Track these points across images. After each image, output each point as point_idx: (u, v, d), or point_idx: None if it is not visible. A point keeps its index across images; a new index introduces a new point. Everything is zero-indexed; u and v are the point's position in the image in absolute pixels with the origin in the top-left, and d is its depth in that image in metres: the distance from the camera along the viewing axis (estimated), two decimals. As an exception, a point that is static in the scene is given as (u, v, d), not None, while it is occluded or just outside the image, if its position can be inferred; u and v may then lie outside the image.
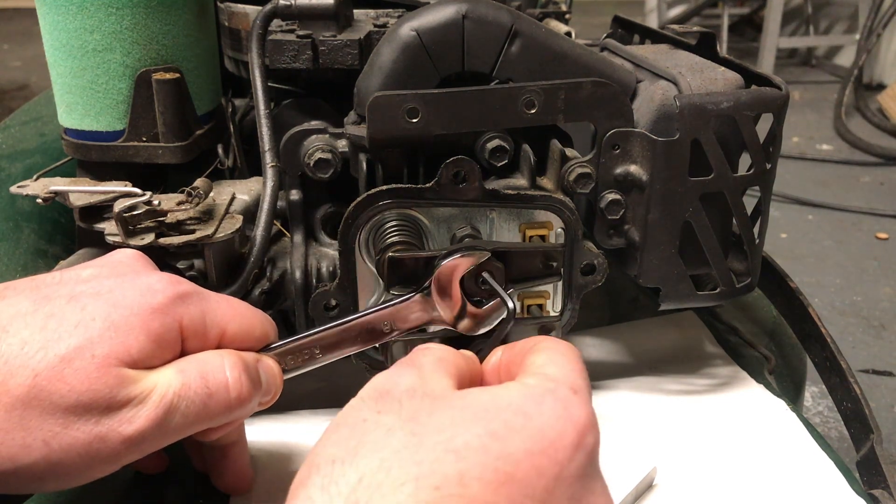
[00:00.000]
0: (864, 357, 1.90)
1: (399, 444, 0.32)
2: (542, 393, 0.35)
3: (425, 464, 0.31)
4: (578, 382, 0.37)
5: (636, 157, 0.56)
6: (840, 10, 4.50)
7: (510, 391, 0.35)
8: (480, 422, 0.33)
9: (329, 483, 0.31)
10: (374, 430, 0.33)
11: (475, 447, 0.32)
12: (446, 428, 0.32)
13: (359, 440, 0.33)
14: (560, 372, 0.37)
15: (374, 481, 0.30)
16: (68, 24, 0.59)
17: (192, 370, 0.42)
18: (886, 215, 2.67)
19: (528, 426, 0.33)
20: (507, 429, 0.33)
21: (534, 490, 0.31)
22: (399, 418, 0.33)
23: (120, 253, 0.46)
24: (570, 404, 0.35)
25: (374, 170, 0.55)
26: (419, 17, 0.53)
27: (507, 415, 0.33)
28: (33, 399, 0.37)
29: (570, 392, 0.35)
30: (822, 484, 0.54)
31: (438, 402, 0.34)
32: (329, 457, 0.32)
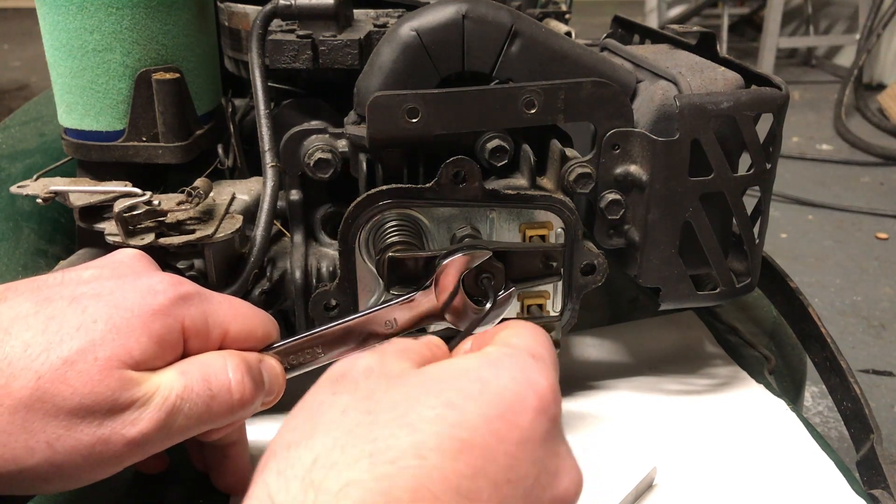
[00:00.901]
0: (864, 357, 1.90)
1: (353, 422, 0.31)
2: (500, 358, 0.34)
3: (380, 440, 0.30)
4: (539, 351, 0.36)
5: (636, 157, 0.56)
6: (840, 10, 4.50)
7: (467, 360, 0.35)
8: (434, 393, 0.32)
9: (285, 467, 0.31)
10: (328, 411, 0.33)
11: (430, 418, 0.31)
12: (400, 403, 0.32)
13: (314, 423, 0.32)
14: (521, 341, 0.37)
15: (328, 461, 0.30)
16: (68, 24, 0.59)
17: (195, 372, 0.42)
18: (886, 215, 2.67)
19: (485, 391, 0.32)
20: (462, 396, 0.32)
21: (495, 455, 0.31)
22: (354, 398, 0.33)
23: (121, 253, 0.46)
24: (529, 369, 0.34)
25: (374, 170, 0.55)
26: (419, 17, 0.53)
27: (462, 383, 0.33)
28: (36, 402, 0.37)
29: (530, 357, 0.35)
30: (822, 484, 0.54)
31: (394, 381, 0.34)
32: (285, 442, 0.32)
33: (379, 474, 0.29)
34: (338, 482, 0.29)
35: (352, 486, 0.29)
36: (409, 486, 0.29)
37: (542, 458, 0.32)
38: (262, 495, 0.30)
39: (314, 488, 0.29)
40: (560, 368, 0.39)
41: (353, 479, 0.29)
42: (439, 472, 0.30)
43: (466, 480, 0.30)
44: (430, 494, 0.29)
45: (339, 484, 0.29)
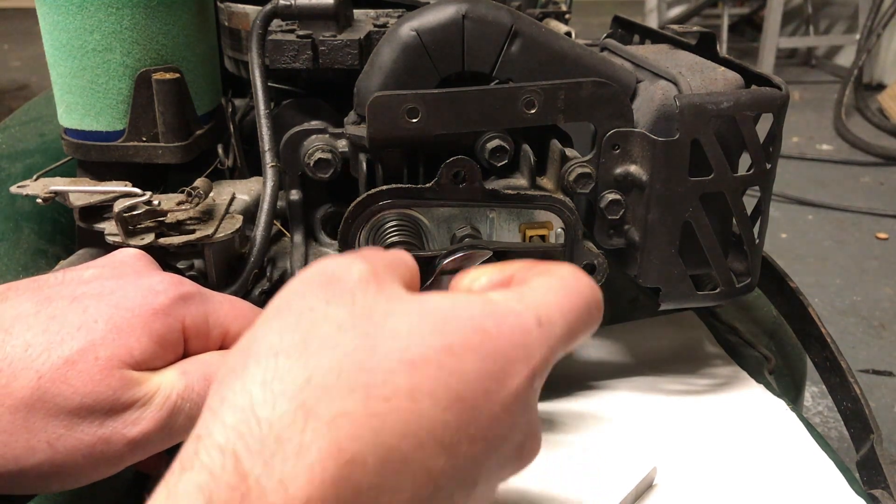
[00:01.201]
0: (864, 357, 1.90)
1: (351, 345, 0.29)
2: (505, 313, 0.33)
3: (377, 372, 0.29)
4: (550, 315, 0.34)
5: (636, 157, 0.56)
6: (840, 10, 4.50)
7: (472, 304, 0.33)
8: (438, 334, 0.31)
9: (272, 378, 0.28)
10: (322, 324, 0.30)
11: (430, 360, 0.30)
12: (401, 335, 0.30)
13: (306, 333, 0.30)
14: (538, 298, 0.34)
15: (322, 383, 0.28)
16: (68, 24, 0.59)
17: (195, 371, 0.42)
18: (886, 215, 2.67)
19: (484, 345, 0.31)
20: (463, 345, 0.31)
21: (479, 413, 0.30)
22: (351, 314, 0.31)
23: (122, 253, 0.46)
24: (529, 335, 0.32)
25: (374, 170, 0.55)
26: (419, 17, 0.53)
27: (466, 329, 0.31)
28: (37, 401, 0.37)
29: (535, 322, 0.33)
30: (822, 484, 0.54)
31: (394, 304, 0.32)
32: (271, 347, 0.29)
33: (372, 410, 0.28)
34: (330, 410, 0.27)
35: (344, 417, 0.27)
36: (399, 429, 0.28)
37: (518, 424, 0.32)
38: (242, 403, 0.28)
39: (304, 411, 0.27)
40: (560, 368, 0.39)
41: (347, 410, 0.28)
42: (429, 421, 0.29)
43: (450, 432, 0.29)
44: (416, 441, 0.28)
45: (332, 413, 0.27)
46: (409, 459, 0.28)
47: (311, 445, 0.27)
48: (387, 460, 0.28)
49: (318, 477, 0.26)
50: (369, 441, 0.27)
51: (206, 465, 0.26)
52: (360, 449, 0.27)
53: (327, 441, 0.27)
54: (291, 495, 0.26)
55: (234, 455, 0.26)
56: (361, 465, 0.27)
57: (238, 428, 0.27)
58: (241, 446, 0.27)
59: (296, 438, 0.27)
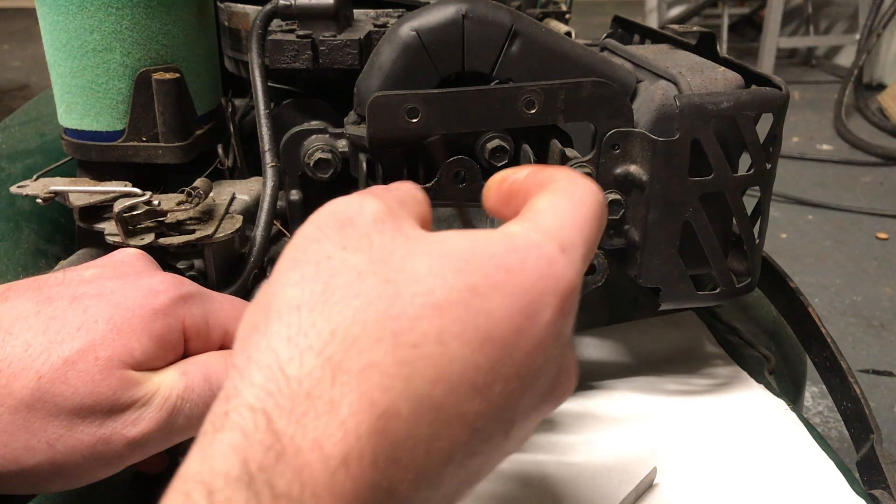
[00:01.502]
0: (865, 357, 1.90)
1: (373, 292, 0.28)
2: (527, 246, 0.31)
3: (403, 318, 0.28)
4: (571, 238, 0.33)
5: (636, 157, 0.56)
6: (840, 10, 4.50)
7: (492, 241, 0.31)
8: (461, 274, 0.29)
9: (296, 334, 0.27)
10: (341, 272, 0.29)
11: (455, 302, 0.29)
12: (424, 278, 0.29)
13: (326, 283, 0.29)
14: (555, 223, 0.33)
15: (348, 335, 0.27)
16: (68, 24, 0.59)
17: (196, 372, 0.42)
18: (887, 215, 2.67)
19: (509, 281, 0.30)
20: (488, 284, 0.29)
21: (513, 351, 0.29)
22: (369, 259, 0.29)
23: (122, 253, 0.46)
24: (555, 264, 0.31)
25: (374, 170, 0.55)
26: (419, 17, 0.53)
27: (488, 268, 0.30)
28: (37, 401, 0.37)
29: (558, 250, 0.32)
30: (822, 484, 0.54)
31: (413, 245, 0.30)
32: (292, 300, 0.28)
33: (401, 358, 0.27)
34: (358, 363, 0.27)
35: (374, 368, 0.27)
36: (430, 375, 0.27)
37: (552, 357, 0.31)
38: (269, 361, 0.27)
39: (332, 366, 0.26)
40: None
41: (375, 361, 0.27)
42: (460, 364, 0.28)
43: (482, 374, 0.28)
44: (448, 386, 0.28)
45: (360, 365, 0.26)
46: (444, 405, 0.27)
47: (341, 401, 0.26)
48: (421, 409, 0.27)
49: (353, 433, 0.26)
50: (401, 390, 0.27)
51: (239, 425, 0.26)
52: (392, 400, 0.26)
53: (358, 395, 0.26)
54: (327, 453, 0.25)
55: (265, 414, 0.26)
56: (395, 417, 0.26)
57: (267, 387, 0.26)
58: (271, 405, 0.26)
59: (326, 395, 0.26)
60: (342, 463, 0.25)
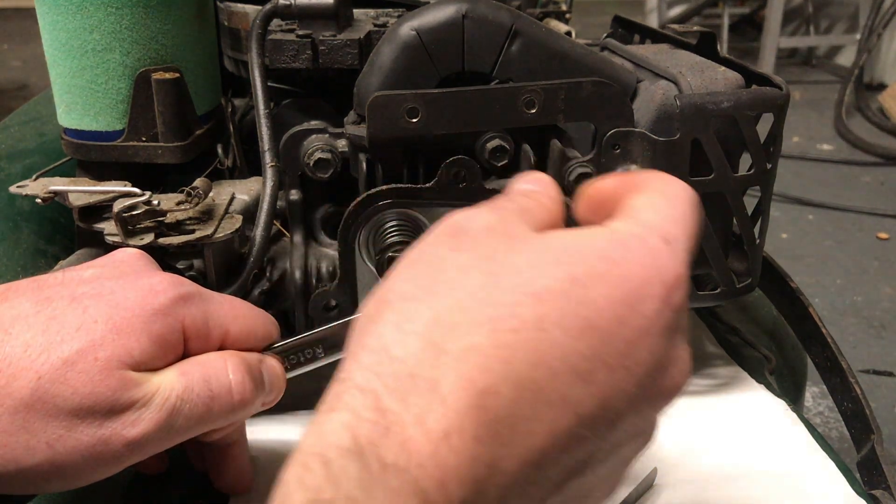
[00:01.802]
0: (865, 357, 1.90)
1: (475, 284, 0.30)
2: (629, 238, 0.32)
3: (502, 306, 0.29)
4: (674, 232, 0.33)
5: (636, 157, 0.55)
6: (841, 10, 4.50)
7: (595, 235, 0.33)
8: (561, 265, 0.31)
9: (403, 321, 0.30)
10: (449, 269, 0.31)
11: (555, 291, 0.30)
12: (524, 270, 0.31)
13: (434, 278, 0.31)
14: (656, 218, 0.34)
15: (450, 321, 0.29)
16: (67, 24, 0.59)
17: (195, 372, 0.41)
18: (887, 215, 2.67)
19: (612, 272, 0.31)
20: (589, 274, 0.30)
21: (614, 340, 0.30)
22: (475, 256, 0.32)
23: (122, 252, 0.46)
24: (659, 255, 0.32)
25: (374, 170, 0.55)
26: (419, 17, 0.53)
27: (590, 259, 0.31)
28: (37, 402, 0.37)
29: (661, 241, 0.32)
30: (822, 484, 0.54)
31: (516, 242, 0.32)
32: (403, 294, 0.31)
33: (500, 342, 0.28)
34: (458, 345, 0.28)
35: (473, 350, 0.28)
36: (530, 358, 0.28)
37: (659, 348, 0.31)
38: (376, 345, 0.29)
39: (434, 348, 0.28)
40: None
41: (475, 344, 0.28)
42: (560, 349, 0.29)
43: (584, 361, 0.29)
44: (549, 371, 0.28)
45: (460, 347, 0.28)
46: (544, 388, 0.28)
47: (442, 379, 0.28)
48: (520, 389, 0.28)
49: (453, 409, 0.27)
50: (500, 372, 0.28)
51: (349, 405, 0.28)
52: (491, 380, 0.28)
53: (457, 374, 0.28)
54: (429, 428, 0.27)
55: (373, 393, 0.28)
56: (494, 395, 0.28)
57: (374, 368, 0.28)
58: (378, 385, 0.28)
59: (427, 373, 0.28)
60: (444, 437, 0.27)
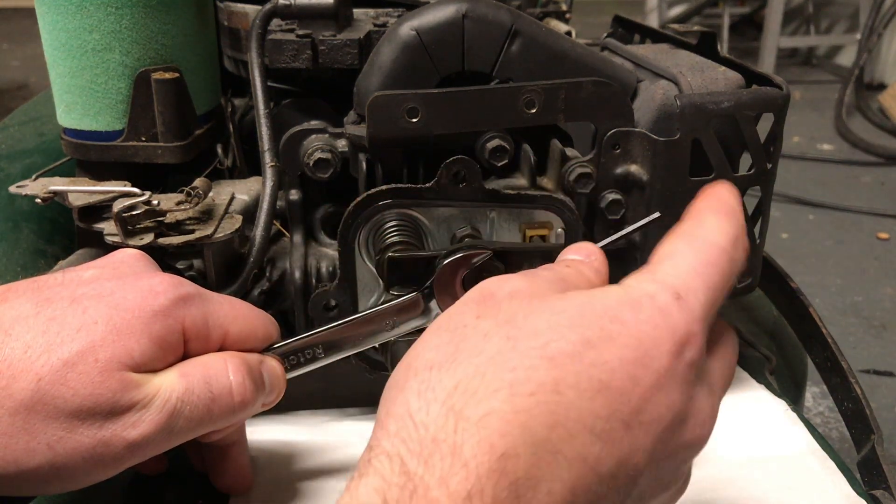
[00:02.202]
0: (865, 357, 1.90)
1: (494, 349, 0.32)
2: (640, 297, 0.34)
3: (519, 370, 0.31)
4: (690, 285, 0.34)
5: (637, 157, 0.55)
6: (841, 10, 4.50)
7: (608, 295, 0.34)
8: (576, 328, 0.32)
9: (426, 389, 0.31)
10: (471, 336, 0.33)
11: (569, 354, 0.31)
12: (541, 333, 0.32)
13: (456, 346, 0.33)
14: (672, 270, 0.35)
15: (469, 387, 0.30)
16: (67, 24, 0.59)
17: (195, 374, 0.41)
18: (887, 215, 2.67)
19: (623, 334, 0.32)
20: (602, 336, 0.32)
21: (629, 398, 0.31)
22: (496, 322, 0.33)
23: (122, 253, 0.46)
24: (670, 312, 0.33)
25: (374, 170, 0.55)
26: (419, 17, 0.53)
27: (603, 321, 0.32)
28: (37, 403, 0.37)
29: (672, 298, 0.34)
30: (822, 484, 0.54)
31: (535, 304, 0.33)
32: (427, 362, 0.32)
33: (518, 406, 0.30)
34: (477, 411, 0.30)
35: (491, 415, 0.29)
36: (546, 421, 0.30)
37: (675, 402, 0.32)
38: (402, 412, 0.31)
39: (454, 414, 0.30)
40: None
41: (493, 409, 0.30)
42: (576, 411, 0.30)
43: (601, 421, 0.30)
44: (566, 432, 0.30)
45: (479, 413, 0.30)
46: (562, 449, 0.30)
47: (463, 444, 0.29)
48: (539, 451, 0.29)
49: (474, 472, 0.28)
50: (519, 435, 0.29)
51: (378, 470, 0.30)
52: (511, 443, 0.29)
53: (477, 439, 0.29)
54: (453, 490, 0.28)
55: (399, 458, 0.30)
56: (514, 458, 0.29)
57: (400, 434, 0.30)
58: (404, 450, 0.30)
59: (450, 439, 0.29)
60: (466, 498, 0.28)
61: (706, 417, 0.34)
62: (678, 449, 0.33)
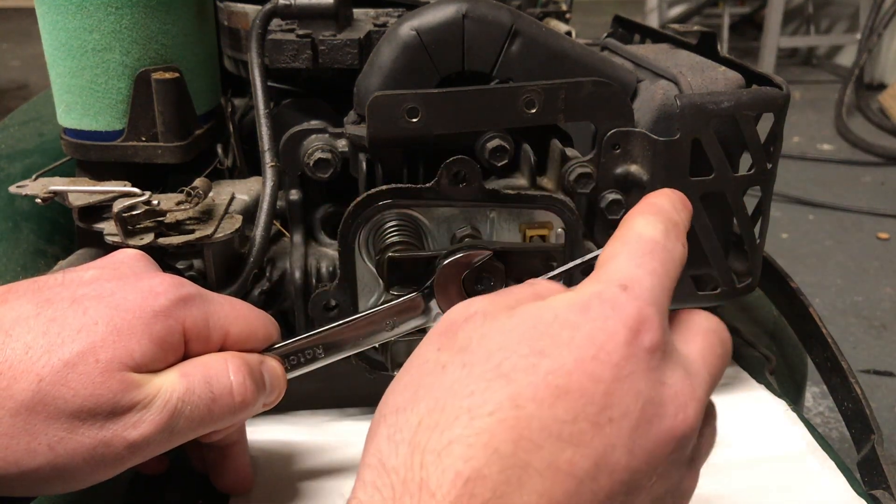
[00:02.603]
0: (865, 357, 1.90)
1: (451, 379, 0.32)
2: (588, 298, 0.34)
3: (477, 393, 0.31)
4: (633, 274, 0.34)
5: (637, 157, 0.55)
6: (841, 10, 4.50)
7: (556, 303, 0.34)
8: (526, 341, 0.32)
9: (394, 432, 0.32)
10: (431, 371, 0.33)
11: (524, 367, 0.31)
12: (494, 353, 0.32)
13: (418, 383, 0.33)
14: (613, 267, 0.35)
15: (431, 421, 0.31)
16: (67, 24, 0.59)
17: (196, 374, 0.41)
18: (887, 215, 2.67)
19: (575, 336, 0.32)
20: (554, 343, 0.32)
21: (592, 396, 0.31)
22: (452, 352, 0.33)
23: (122, 253, 0.46)
24: (618, 303, 0.33)
25: (374, 170, 0.55)
26: (419, 17, 0.53)
27: (553, 328, 0.33)
28: (38, 404, 0.37)
29: (619, 289, 0.34)
30: (822, 484, 0.54)
31: (487, 326, 0.34)
32: (394, 406, 0.33)
33: (479, 428, 0.30)
34: (441, 442, 0.30)
35: (454, 443, 0.30)
36: (510, 437, 0.30)
37: (642, 390, 0.32)
38: (374, 461, 0.32)
39: (420, 451, 0.30)
40: None
41: (455, 437, 0.30)
42: (538, 421, 0.30)
43: (567, 425, 0.30)
44: (531, 443, 0.30)
45: (443, 443, 0.30)
46: (531, 461, 0.30)
47: (429, 478, 0.29)
48: (507, 469, 0.29)
49: (442, 502, 0.29)
50: (483, 457, 0.29)
51: None
52: (475, 466, 0.29)
53: (441, 469, 0.29)
54: None
55: None
56: (481, 480, 0.29)
57: (375, 483, 0.31)
58: (378, 498, 0.30)
59: (416, 476, 0.30)
60: None
61: (686, 400, 0.33)
62: (664, 439, 0.32)
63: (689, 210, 0.41)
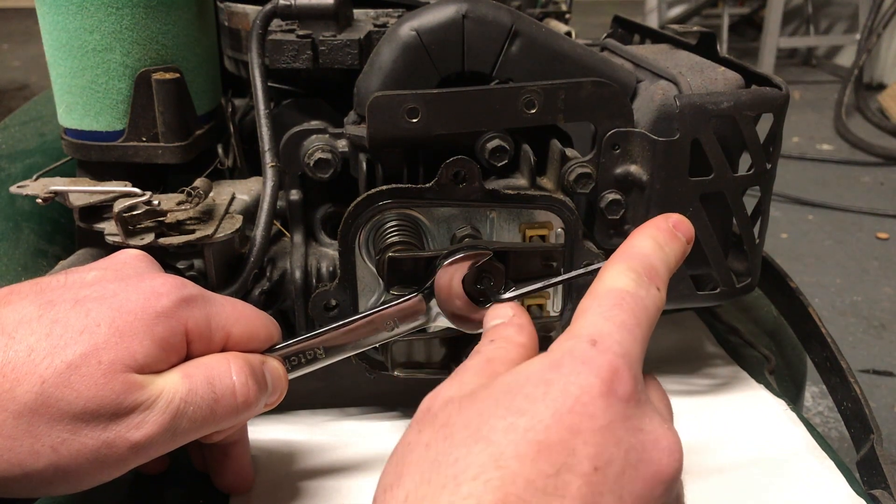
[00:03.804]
0: (865, 357, 1.90)
1: (435, 452, 0.33)
2: (560, 356, 0.35)
3: (460, 460, 0.31)
4: (601, 328, 0.36)
5: (636, 157, 0.56)
6: (840, 10, 4.50)
7: (531, 365, 0.35)
8: (503, 404, 0.33)
9: None
10: (415, 450, 0.34)
11: (503, 428, 0.32)
12: (473, 420, 0.33)
13: (403, 462, 0.34)
14: (584, 322, 0.36)
15: (418, 495, 0.31)
16: (68, 24, 0.59)
17: (199, 375, 0.42)
18: (887, 215, 2.67)
19: (549, 392, 0.33)
20: (529, 401, 0.33)
21: (573, 448, 0.31)
22: (434, 429, 0.34)
23: (124, 254, 0.46)
24: (588, 357, 0.34)
25: (374, 170, 0.55)
26: (419, 17, 0.53)
27: (527, 388, 0.33)
28: (41, 406, 0.37)
29: (588, 345, 0.35)
30: (822, 484, 0.54)
31: (466, 401, 0.35)
32: (382, 487, 0.34)
33: (465, 493, 0.30)
34: None
35: None
36: (496, 497, 0.30)
37: (623, 437, 0.33)
38: None
39: None
40: None
41: None
42: (522, 478, 0.30)
43: (551, 479, 0.31)
44: (518, 500, 0.30)
45: None
46: None
47: None
48: None
49: None
50: None
51: None
52: None
53: None
54: None
55: None
56: None
57: None
58: None
59: None
60: None
61: (669, 444, 0.34)
62: (653, 483, 0.33)
63: (679, 241, 0.42)
